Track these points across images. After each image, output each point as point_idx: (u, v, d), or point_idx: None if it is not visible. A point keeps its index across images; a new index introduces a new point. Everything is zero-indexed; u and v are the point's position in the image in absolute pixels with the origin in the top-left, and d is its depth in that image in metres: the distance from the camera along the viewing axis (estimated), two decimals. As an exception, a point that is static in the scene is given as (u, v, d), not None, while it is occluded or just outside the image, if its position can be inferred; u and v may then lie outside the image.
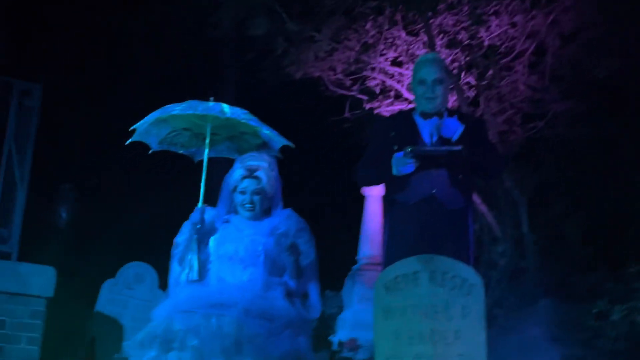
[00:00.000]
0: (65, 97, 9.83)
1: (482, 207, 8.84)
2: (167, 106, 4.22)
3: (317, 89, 10.17)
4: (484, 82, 9.68)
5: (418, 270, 3.31)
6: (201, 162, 4.38)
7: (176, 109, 4.16)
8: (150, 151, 4.59)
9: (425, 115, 4.22)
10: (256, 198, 4.15)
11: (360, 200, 10.45)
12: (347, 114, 10.04)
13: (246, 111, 4.27)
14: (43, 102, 6.16)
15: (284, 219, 4.17)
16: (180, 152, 4.64)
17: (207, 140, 4.30)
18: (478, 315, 3.25)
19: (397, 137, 4.20)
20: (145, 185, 10.77)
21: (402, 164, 4.06)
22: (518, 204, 8.64)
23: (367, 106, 9.71)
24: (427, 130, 4.22)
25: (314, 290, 4.16)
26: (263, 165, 4.19)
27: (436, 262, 3.32)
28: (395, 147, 4.12)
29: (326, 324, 9.25)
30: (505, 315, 7.40)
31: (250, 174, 4.17)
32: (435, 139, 4.18)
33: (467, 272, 3.29)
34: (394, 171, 4.10)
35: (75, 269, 8.39)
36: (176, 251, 4.24)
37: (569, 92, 9.95)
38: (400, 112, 5.04)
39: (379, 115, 9.52)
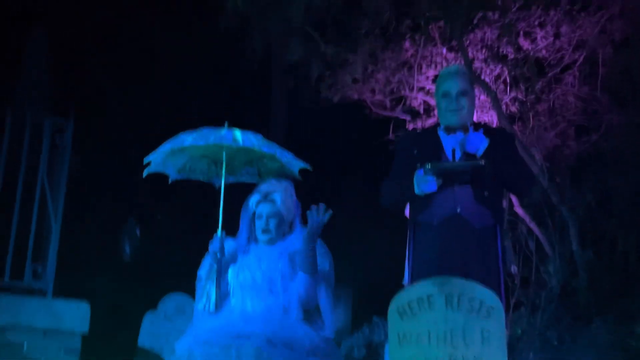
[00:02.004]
0: (102, 132, 9.92)
1: (532, 225, 8.51)
2: (179, 135, 4.18)
3: (361, 112, 10.03)
4: (531, 97, 9.37)
5: (432, 293, 3.14)
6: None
7: (188, 139, 4.11)
8: (170, 181, 4.59)
9: (449, 130, 4.05)
10: (272, 222, 4.12)
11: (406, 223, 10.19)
12: (390, 136, 9.85)
13: (260, 135, 4.20)
14: (79, 138, 6.23)
15: (297, 236, 4.09)
16: (200, 179, 4.61)
17: (224, 168, 4.26)
18: (499, 340, 3.09)
19: (420, 154, 4.04)
20: (181, 215, 10.80)
21: (423, 182, 3.89)
22: (568, 220, 8.29)
23: (411, 126, 9.51)
24: (450, 145, 4.03)
25: (326, 305, 4.03)
26: (278, 189, 4.14)
27: (451, 285, 3.15)
28: (418, 165, 3.95)
29: (375, 351, 9.02)
30: (559, 337, 7.07)
31: (265, 197, 4.10)
32: (458, 154, 3.99)
33: (485, 294, 3.12)
34: (417, 190, 3.93)
35: (118, 302, 8.41)
36: (199, 285, 4.22)
37: (624, 101, 9.55)
38: (425, 128, 4.89)
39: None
